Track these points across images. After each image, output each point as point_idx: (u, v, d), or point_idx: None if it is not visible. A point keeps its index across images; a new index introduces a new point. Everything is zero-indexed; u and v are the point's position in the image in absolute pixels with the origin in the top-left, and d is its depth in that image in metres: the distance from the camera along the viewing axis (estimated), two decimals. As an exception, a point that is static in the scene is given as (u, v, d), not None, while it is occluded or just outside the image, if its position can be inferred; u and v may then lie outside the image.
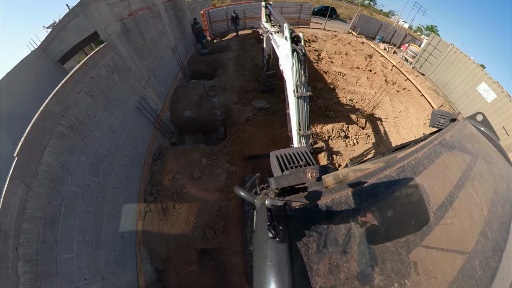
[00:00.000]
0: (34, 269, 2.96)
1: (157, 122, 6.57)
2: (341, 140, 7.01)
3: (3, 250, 2.67)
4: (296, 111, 3.33)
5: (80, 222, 3.82)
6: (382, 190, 1.15)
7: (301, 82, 3.26)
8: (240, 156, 5.76)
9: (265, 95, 8.06)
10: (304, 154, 1.23)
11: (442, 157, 1.49)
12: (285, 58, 3.53)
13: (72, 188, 3.77)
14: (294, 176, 0.99)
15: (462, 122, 1.88)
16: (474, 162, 1.61)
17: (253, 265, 0.86)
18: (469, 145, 1.73)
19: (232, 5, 14.18)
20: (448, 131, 1.71)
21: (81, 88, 4.14)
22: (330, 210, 0.99)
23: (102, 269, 4.09)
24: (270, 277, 0.76)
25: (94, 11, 4.63)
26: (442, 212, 1.21)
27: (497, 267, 1.15)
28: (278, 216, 0.85)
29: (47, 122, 3.50)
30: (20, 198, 2.96)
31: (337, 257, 0.91)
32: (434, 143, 1.53)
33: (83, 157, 4.10)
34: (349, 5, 26.10)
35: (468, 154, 1.66)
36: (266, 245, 0.82)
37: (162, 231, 5.40)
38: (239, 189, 1.12)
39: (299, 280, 0.79)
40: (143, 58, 6.32)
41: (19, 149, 3.06)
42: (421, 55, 12.67)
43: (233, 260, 5.03)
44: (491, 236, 1.25)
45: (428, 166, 1.36)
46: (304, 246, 0.87)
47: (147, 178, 5.95)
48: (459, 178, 1.42)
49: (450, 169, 1.46)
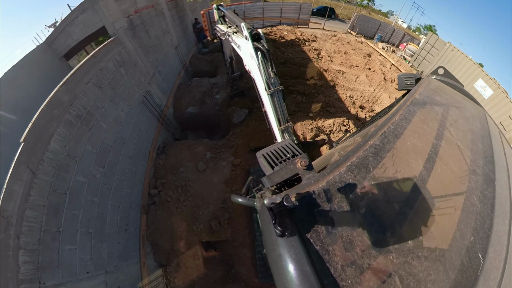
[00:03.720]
0: (35, 259, 2.84)
1: (161, 117, 6.65)
2: (342, 133, 7.13)
3: (4, 238, 2.55)
4: (273, 108, 3.25)
5: (84, 213, 3.75)
6: (371, 159, 1.18)
7: (270, 78, 3.20)
8: (245, 149, 5.84)
9: (237, 100, 7.65)
10: (289, 146, 1.21)
11: (417, 114, 1.58)
12: (249, 57, 3.43)
13: (77, 177, 3.73)
14: (285, 169, 1.01)
15: (427, 79, 2.00)
16: (447, 112, 1.72)
17: (270, 267, 0.85)
18: (438, 98, 1.85)
19: (232, 6, 14.37)
20: (416, 90, 1.81)
21: (90, 79, 4.22)
22: (328, 192, 1.00)
23: (106, 262, 4.00)
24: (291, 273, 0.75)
25: (103, 6, 4.74)
26: (431, 164, 1.29)
27: (494, 197, 1.24)
28: (281, 212, 0.85)
29: (55, 109, 3.50)
30: (25, 184, 2.87)
31: (348, 233, 0.94)
32: (407, 104, 1.62)
33: (90, 146, 4.10)
34: (348, 5, 26.48)
35: (440, 106, 1.77)
36: (277, 244, 0.82)
37: (166, 224, 5.40)
38: (236, 197, 1.09)
39: (319, 265, 0.80)
40: (148, 55, 6.42)
41: (26, 134, 3.01)
42: (419, 54, 12.90)
43: (240, 252, 5.03)
44: (480, 171, 1.34)
45: (407, 126, 1.44)
46: (314, 232, 0.89)
47: (152, 171, 6.00)
48: (438, 129, 1.51)
49: (427, 124, 1.55)
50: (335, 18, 21.06)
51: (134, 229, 5.06)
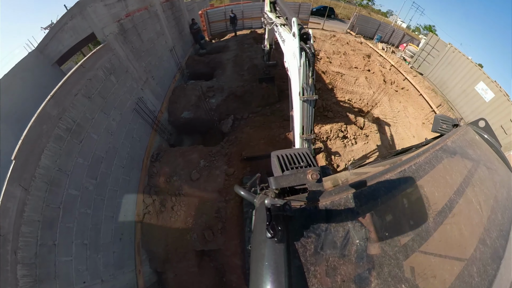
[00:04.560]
0: (33, 272, 2.96)
1: (155, 124, 6.56)
2: (339, 140, 7.01)
3: (2, 253, 2.67)
4: (300, 115, 3.16)
5: (79, 225, 3.82)
6: (382, 193, 1.14)
7: (307, 85, 3.04)
8: (239, 157, 5.75)
9: (264, 85, 7.96)
10: (306, 155, 1.20)
11: (443, 162, 1.48)
12: (292, 56, 3.27)
13: (70, 190, 3.77)
14: (294, 176, 0.98)
15: (464, 128, 1.86)
16: (475, 169, 1.59)
17: (250, 264, 0.85)
18: (470, 151, 1.71)
19: (231, 5, 14.16)
20: (450, 137, 1.70)
21: (78, 90, 4.13)
22: (330, 212, 0.99)
23: (101, 271, 4.09)
24: (267, 277, 0.76)
25: (91, 12, 4.61)
26: (442, 218, 1.20)
27: (495, 275, 1.15)
28: (277, 216, 0.85)
29: (44, 124, 3.50)
30: (18, 201, 2.95)
31: (335, 259, 0.91)
32: (436, 148, 1.52)
33: (81, 159, 4.10)
34: (347, 5, 26.12)
35: (470, 160, 1.64)
36: (264, 245, 0.81)
37: (160, 233, 5.39)
38: (239, 188, 1.13)
39: (296, 280, 0.79)
40: (140, 59, 6.30)
41: (16, 152, 3.06)
42: (419, 55, 12.71)
43: (231, 261, 5.02)
44: (490, 243, 1.24)
45: (429, 171, 1.35)
46: (302, 247, 0.87)
47: (146, 179, 5.94)
48: (460, 184, 1.41)
49: (451, 175, 1.45)
50: (334, 18, 20.80)
51: (129, 237, 5.11)
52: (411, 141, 8.85)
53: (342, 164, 6.92)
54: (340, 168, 6.63)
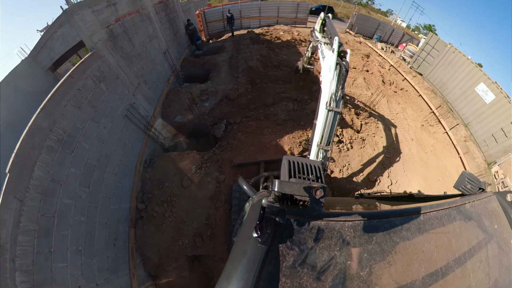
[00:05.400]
0: (30, 278, 3.11)
1: (148, 129, 6.56)
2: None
3: (1, 262, 2.81)
4: (323, 124, 3.40)
5: (73, 232, 3.94)
6: (379, 234, 1.10)
7: (336, 97, 3.32)
8: (230, 164, 5.75)
9: (299, 75, 8.50)
10: (317, 168, 1.20)
11: (455, 224, 1.38)
12: (327, 70, 3.60)
13: (63, 200, 3.87)
14: (298, 186, 0.98)
15: (489, 195, 1.73)
16: (486, 243, 1.47)
17: (230, 254, 0.86)
18: (487, 222, 1.57)
19: (228, 5, 14.00)
20: (471, 200, 1.58)
21: (68, 101, 4.15)
22: (321, 232, 0.97)
23: (96, 275, 4.22)
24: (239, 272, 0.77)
25: (79, 20, 4.58)
26: (431, 281, 1.12)
27: None
28: (269, 219, 0.86)
29: (36, 137, 3.56)
30: (14, 212, 3.08)
31: (309, 280, 0.90)
32: (452, 206, 1.42)
33: (73, 169, 4.16)
34: (346, 4, 25.68)
35: (483, 231, 1.52)
36: (248, 242, 0.83)
37: (153, 238, 5.45)
38: (242, 181, 1.19)
39: (262, 285, 0.79)
40: (132, 64, 6.27)
41: (10, 165, 3.15)
42: (419, 55, 12.46)
43: (219, 266, 5.09)
44: None
45: (436, 228, 1.27)
46: (282, 256, 0.87)
47: (139, 185, 5.98)
48: (463, 253, 1.30)
49: (457, 240, 1.34)
50: (334, 17, 20.44)
51: (123, 242, 5.20)
52: (410, 144, 8.73)
53: (337, 170, 6.87)
54: (333, 175, 6.58)
